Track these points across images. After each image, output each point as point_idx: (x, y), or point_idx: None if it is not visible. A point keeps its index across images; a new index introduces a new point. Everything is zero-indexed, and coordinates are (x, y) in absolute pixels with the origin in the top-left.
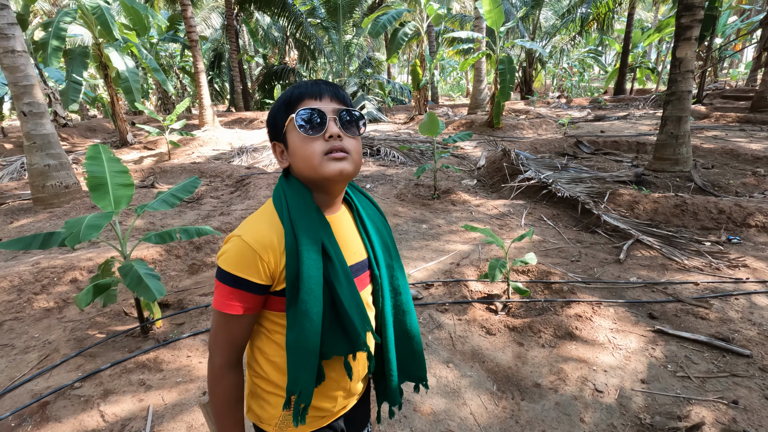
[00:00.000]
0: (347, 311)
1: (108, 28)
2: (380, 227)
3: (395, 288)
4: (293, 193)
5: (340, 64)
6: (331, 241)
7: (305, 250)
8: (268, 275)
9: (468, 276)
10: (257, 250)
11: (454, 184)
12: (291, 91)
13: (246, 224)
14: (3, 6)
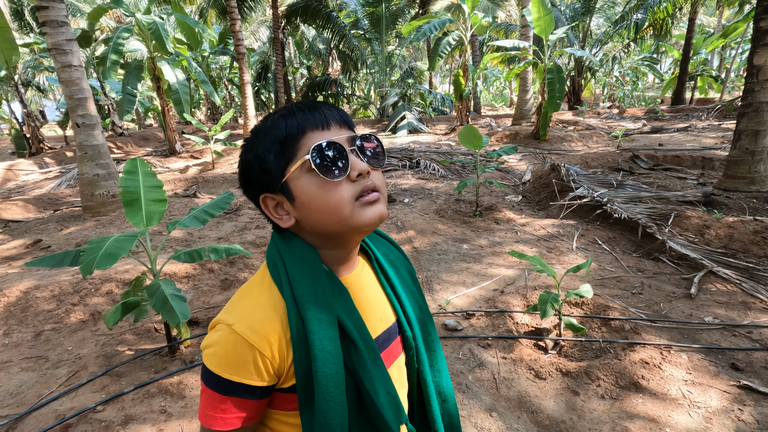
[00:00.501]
0: (378, 407)
1: (162, 42)
2: (405, 275)
3: (431, 347)
4: (295, 259)
5: (382, 75)
6: (352, 317)
7: (317, 339)
8: (272, 373)
9: (513, 306)
10: (255, 343)
11: (498, 200)
12: (282, 122)
13: (237, 304)
14: (63, 23)
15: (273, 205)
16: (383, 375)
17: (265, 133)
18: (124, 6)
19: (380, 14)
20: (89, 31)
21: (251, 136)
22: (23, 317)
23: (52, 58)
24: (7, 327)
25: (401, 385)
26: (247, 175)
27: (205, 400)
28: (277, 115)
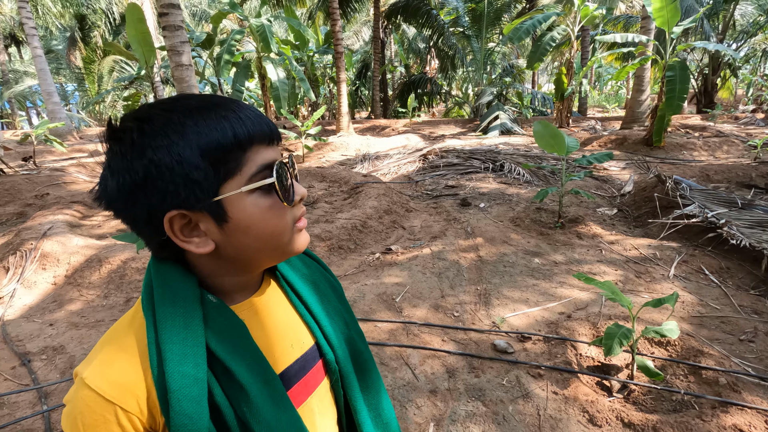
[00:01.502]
0: None
1: (267, 43)
2: (327, 291)
3: (362, 368)
4: (167, 296)
5: (479, 73)
6: (246, 357)
7: (176, 399)
8: (142, 428)
9: (579, 335)
10: (113, 399)
11: (587, 213)
12: (224, 123)
13: (97, 351)
14: (178, 27)
15: (182, 226)
16: (288, 420)
17: (183, 134)
18: (239, 10)
19: (482, 10)
20: (213, 34)
21: (155, 126)
22: (120, 283)
23: (169, 58)
24: (107, 290)
25: (325, 414)
26: (152, 182)
27: None
28: (214, 115)
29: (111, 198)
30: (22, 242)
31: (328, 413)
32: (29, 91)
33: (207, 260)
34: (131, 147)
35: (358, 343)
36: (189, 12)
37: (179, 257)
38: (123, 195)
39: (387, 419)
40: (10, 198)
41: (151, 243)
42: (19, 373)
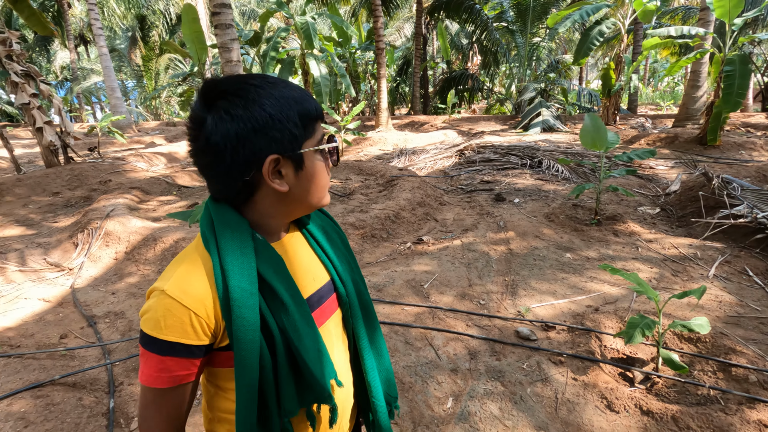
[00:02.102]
0: (306, 362)
1: (310, 40)
2: (336, 240)
3: (365, 305)
4: (227, 230)
5: (522, 68)
6: (284, 281)
7: (237, 307)
8: (208, 333)
9: (606, 327)
10: (188, 305)
11: (627, 211)
12: (308, 100)
13: (171, 271)
14: (229, 26)
15: (272, 169)
16: (313, 334)
17: (290, 103)
18: (285, 9)
19: (527, 4)
20: (260, 32)
21: (268, 91)
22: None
23: (219, 55)
24: (161, 266)
25: (338, 339)
26: (266, 129)
27: (146, 363)
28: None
29: (224, 140)
30: (89, 222)
31: (340, 339)
32: (95, 87)
33: (271, 202)
34: (253, 101)
35: (361, 286)
36: (239, 11)
37: (234, 203)
38: (239, 137)
39: (382, 352)
40: (79, 183)
41: (229, 185)
42: (87, 333)
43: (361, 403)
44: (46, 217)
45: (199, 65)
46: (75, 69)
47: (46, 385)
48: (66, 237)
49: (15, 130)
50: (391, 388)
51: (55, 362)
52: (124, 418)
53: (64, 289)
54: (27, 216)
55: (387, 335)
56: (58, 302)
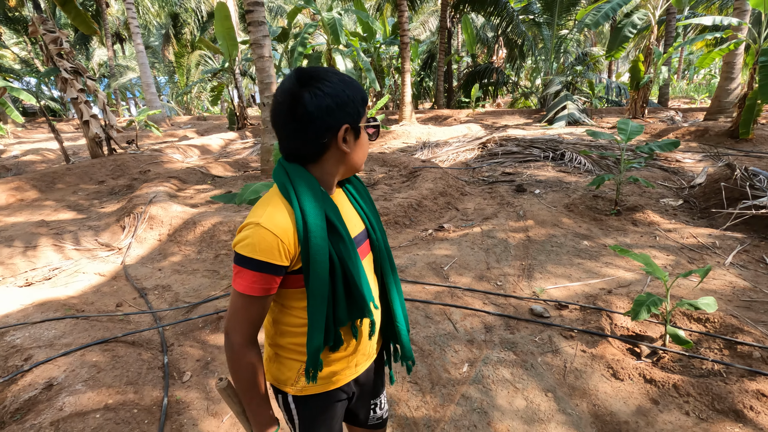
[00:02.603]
0: (357, 285)
1: (337, 35)
2: (366, 198)
3: (390, 256)
4: (303, 182)
5: (548, 62)
6: (340, 221)
7: (313, 237)
8: (288, 257)
9: (618, 307)
10: (278, 234)
11: (648, 202)
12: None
13: (260, 212)
14: (261, 23)
15: (342, 136)
16: (359, 264)
17: (357, 89)
18: (312, 5)
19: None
20: (288, 28)
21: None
22: (210, 242)
23: (251, 51)
24: (201, 247)
25: (371, 274)
26: (344, 106)
27: (242, 277)
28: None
29: (318, 110)
30: (134, 207)
31: (371, 275)
32: (130, 83)
33: (334, 162)
34: (336, 84)
35: (385, 238)
36: (267, 8)
37: (305, 162)
38: (329, 109)
39: (401, 292)
40: (121, 173)
41: (309, 146)
42: (139, 302)
43: (386, 334)
44: (94, 203)
45: (229, 61)
46: (112, 66)
47: (111, 341)
48: (114, 221)
49: (59, 124)
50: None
51: (115, 324)
52: (177, 372)
53: (116, 266)
54: (77, 202)
55: (408, 310)
56: (112, 276)
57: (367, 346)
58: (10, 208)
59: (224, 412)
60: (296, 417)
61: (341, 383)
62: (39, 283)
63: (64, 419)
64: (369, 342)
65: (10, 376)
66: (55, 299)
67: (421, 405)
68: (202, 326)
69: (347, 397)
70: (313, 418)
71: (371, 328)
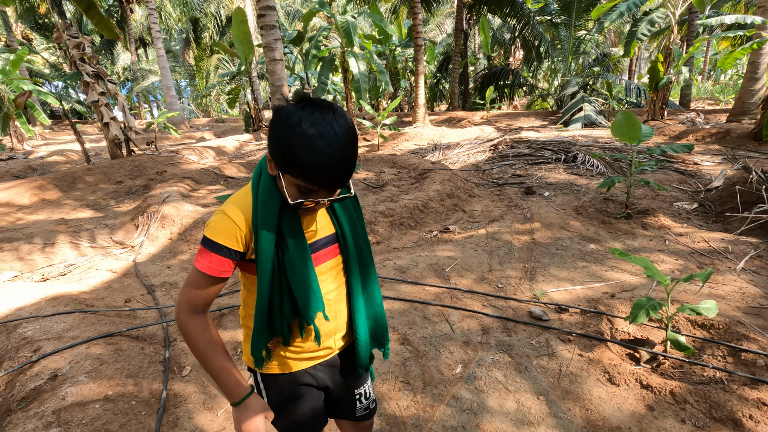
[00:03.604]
0: (293, 291)
1: (350, 38)
2: (351, 208)
3: (362, 261)
4: (264, 189)
5: (565, 63)
6: (293, 227)
7: (261, 240)
8: (244, 244)
9: (620, 312)
10: (237, 222)
11: (661, 206)
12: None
13: (230, 202)
14: (273, 27)
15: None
16: (305, 270)
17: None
18: (327, 8)
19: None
20: (303, 32)
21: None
22: None
23: (264, 54)
24: None
25: (334, 280)
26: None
27: (202, 256)
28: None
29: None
30: (148, 206)
31: (335, 280)
32: (152, 86)
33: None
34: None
35: (362, 245)
36: (284, 12)
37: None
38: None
39: (374, 299)
40: (138, 173)
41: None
42: (146, 299)
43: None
44: (111, 202)
45: (246, 64)
46: (135, 70)
47: (115, 335)
48: (128, 219)
49: (83, 126)
50: (381, 330)
51: (121, 319)
52: (177, 367)
53: (128, 263)
54: (96, 201)
55: (406, 311)
56: (123, 273)
57: (321, 347)
58: (33, 207)
59: (219, 407)
60: (264, 395)
61: (303, 366)
62: (54, 278)
63: (66, 408)
64: (318, 345)
65: (20, 366)
66: (67, 294)
67: (411, 404)
68: None
69: (316, 384)
70: (280, 396)
71: (316, 334)
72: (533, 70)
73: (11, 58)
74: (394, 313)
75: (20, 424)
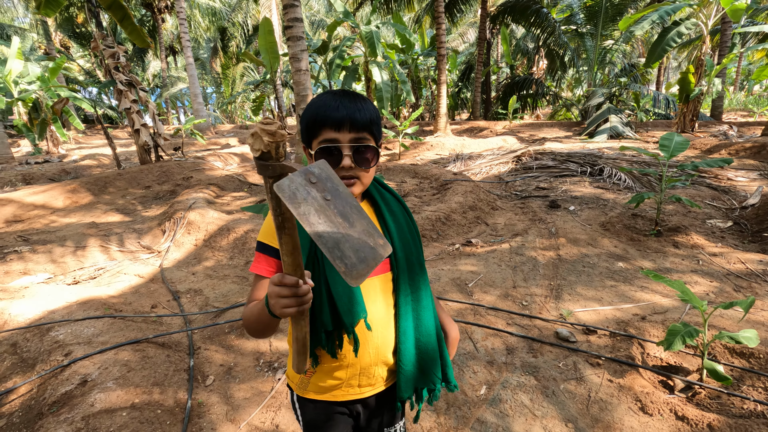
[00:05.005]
0: (333, 294)
1: (374, 48)
2: (402, 222)
3: (414, 281)
4: None
5: (591, 73)
6: None
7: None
8: None
9: (651, 336)
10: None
11: (693, 223)
12: (315, 111)
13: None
14: (299, 38)
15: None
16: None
17: (306, 113)
18: (351, 18)
19: (599, 5)
20: (327, 41)
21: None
22: (242, 248)
23: (290, 64)
24: (233, 254)
25: (381, 295)
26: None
27: (255, 258)
28: (316, 102)
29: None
30: (174, 212)
31: (383, 296)
32: (180, 93)
33: None
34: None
35: (415, 265)
36: (309, 21)
37: None
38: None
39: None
40: (166, 179)
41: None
42: (172, 305)
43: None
44: (139, 206)
45: (271, 73)
46: (164, 77)
47: (142, 342)
48: (156, 224)
49: (115, 131)
50: (430, 364)
51: (148, 325)
52: (201, 376)
53: (154, 268)
54: (125, 205)
55: None
56: (150, 278)
57: (364, 365)
58: (66, 210)
59: (241, 419)
60: (299, 417)
61: (340, 398)
62: (85, 281)
63: (94, 415)
64: (358, 359)
65: (52, 369)
66: (97, 298)
67: (435, 426)
68: (228, 331)
69: (350, 415)
70: (313, 422)
71: (355, 345)
72: (557, 80)
73: (50, 65)
74: None
75: (51, 428)
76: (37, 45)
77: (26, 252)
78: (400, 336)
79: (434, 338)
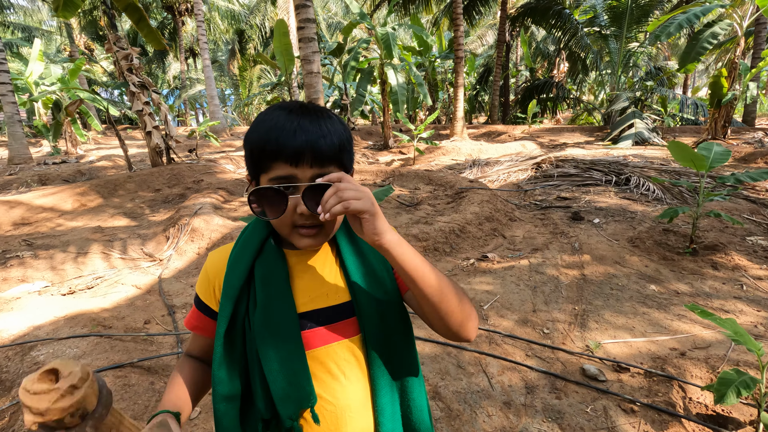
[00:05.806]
0: (266, 370)
1: (390, 50)
2: (374, 264)
3: (392, 345)
4: (247, 230)
5: (615, 76)
6: (268, 285)
7: (225, 281)
8: (215, 299)
9: (693, 377)
10: (210, 274)
11: (732, 240)
12: (264, 136)
13: (218, 249)
14: (311, 39)
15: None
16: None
17: (250, 139)
18: (367, 20)
19: (624, 7)
20: (343, 43)
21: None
22: None
23: (301, 66)
24: None
25: (347, 368)
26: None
27: (191, 310)
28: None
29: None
30: (180, 218)
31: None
32: (199, 94)
33: None
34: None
35: (390, 319)
36: (326, 24)
37: None
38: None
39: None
40: (176, 182)
41: None
42: (166, 321)
43: None
44: (147, 210)
45: (286, 75)
46: (184, 78)
47: (126, 366)
48: (160, 230)
49: (133, 132)
50: None
51: (136, 345)
52: None
53: (153, 278)
54: (133, 209)
55: (438, 356)
56: (147, 290)
57: None
58: (74, 213)
59: None
60: None
61: None
62: (81, 291)
63: None
64: None
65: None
66: (88, 312)
67: None
68: None
69: None
70: None
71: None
72: (578, 83)
73: (71, 67)
74: (424, 358)
75: None
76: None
77: (28, 257)
78: (379, 417)
79: (427, 417)
